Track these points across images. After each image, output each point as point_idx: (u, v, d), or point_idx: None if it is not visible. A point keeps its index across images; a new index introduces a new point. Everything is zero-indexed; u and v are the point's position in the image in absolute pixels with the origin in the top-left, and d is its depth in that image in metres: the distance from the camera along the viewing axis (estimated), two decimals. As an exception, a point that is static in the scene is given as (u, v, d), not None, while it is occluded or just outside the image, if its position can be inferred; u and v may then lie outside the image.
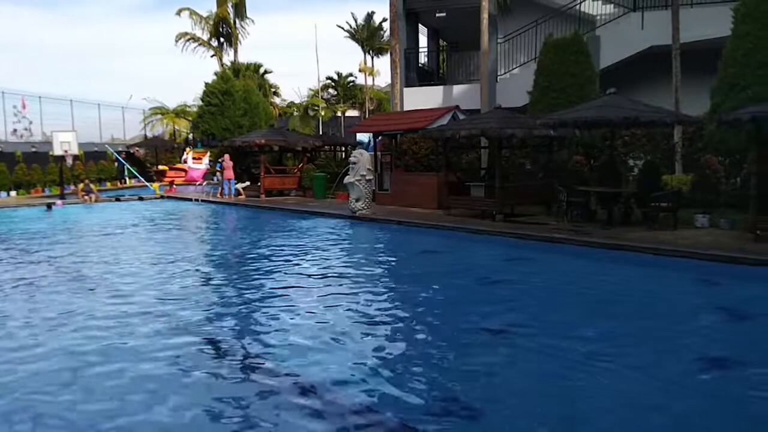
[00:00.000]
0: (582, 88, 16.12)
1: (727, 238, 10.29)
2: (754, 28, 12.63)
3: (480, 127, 13.82)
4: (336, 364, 5.36)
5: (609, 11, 19.75)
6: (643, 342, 5.85)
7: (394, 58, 21.79)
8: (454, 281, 8.88)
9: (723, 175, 12.93)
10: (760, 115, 9.46)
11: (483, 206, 14.38)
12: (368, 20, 47.14)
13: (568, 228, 12.09)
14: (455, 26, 24.83)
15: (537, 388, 4.82)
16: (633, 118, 11.39)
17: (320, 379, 4.99)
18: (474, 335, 6.17)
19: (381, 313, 7.09)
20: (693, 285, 8.36)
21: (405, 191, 17.53)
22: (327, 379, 5.00)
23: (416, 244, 12.50)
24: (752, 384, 4.85)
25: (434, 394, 4.74)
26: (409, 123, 17.78)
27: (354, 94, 49.59)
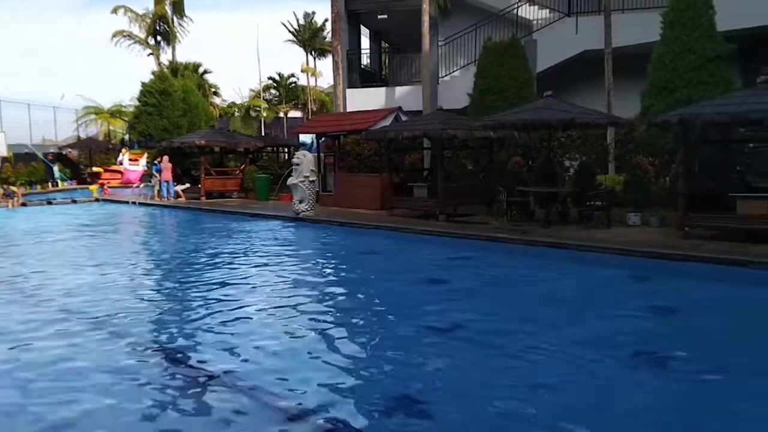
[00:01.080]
0: (520, 90, 16.51)
1: (658, 235, 10.74)
2: (681, 34, 13.23)
3: (422, 128, 13.97)
4: (277, 366, 5.31)
5: (545, 16, 20.29)
6: (581, 336, 6.04)
7: (336, 59, 21.76)
8: (398, 281, 8.93)
9: (653, 174, 13.48)
10: (687, 117, 9.90)
11: (426, 206, 14.54)
12: (309, 21, 46.89)
13: (508, 227, 12.36)
14: (397, 28, 25.01)
15: (483, 383, 4.91)
16: (568, 120, 11.74)
17: (261, 381, 4.94)
18: (418, 334, 6.22)
19: (324, 315, 7.07)
20: (626, 280, 8.69)
21: (348, 192, 17.53)
22: (267, 381, 4.94)
23: (360, 244, 12.52)
24: (681, 375, 5.08)
25: (379, 394, 4.76)
26: (352, 124, 17.80)
27: (296, 95, 49.24)
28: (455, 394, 4.71)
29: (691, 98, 12.49)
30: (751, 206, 9.71)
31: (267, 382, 4.92)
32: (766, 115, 8.93)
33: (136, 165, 27.95)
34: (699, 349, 5.62)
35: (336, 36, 21.91)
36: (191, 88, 29.92)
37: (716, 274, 8.42)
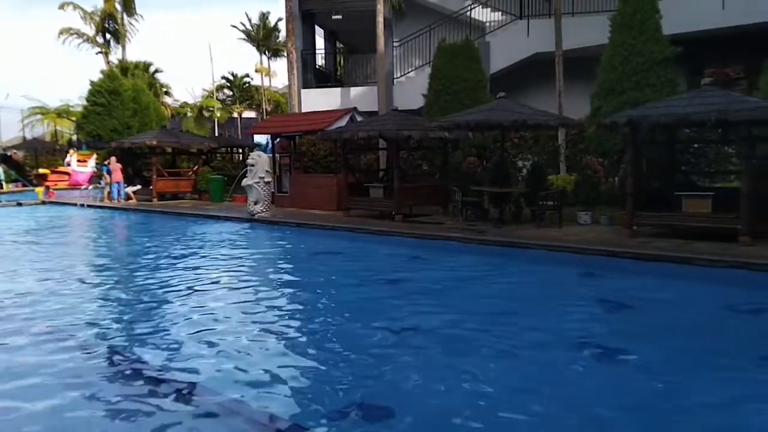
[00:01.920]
0: (474, 91, 16.70)
1: (608, 234, 11.02)
2: (628, 37, 13.60)
3: (378, 128, 14.00)
4: (230, 369, 5.23)
5: (497, 18, 20.59)
6: (535, 333, 6.14)
7: (290, 60, 21.62)
8: (355, 282, 8.92)
9: (602, 174, 13.83)
10: (634, 118, 10.19)
11: (382, 207, 14.57)
12: (263, 20, 46.43)
13: (463, 227, 12.49)
14: (352, 29, 25.01)
15: (440, 383, 4.93)
16: (521, 121, 11.94)
17: (215, 384, 4.85)
18: (375, 335, 6.21)
19: (280, 317, 7.00)
20: (577, 278, 8.89)
21: (304, 193, 17.44)
22: (220, 384, 4.86)
23: (316, 245, 12.46)
24: (629, 368, 5.23)
25: (335, 397, 4.72)
26: (307, 125, 17.71)
27: (250, 95, 48.71)
28: (412, 395, 4.72)
29: (638, 100, 12.85)
30: (695, 205, 10.06)
31: (220, 385, 4.84)
32: (709, 116, 9.25)
33: (84, 166, 27.17)
34: (646, 344, 5.78)
35: (290, 36, 21.77)
36: (142, 88, 29.27)
37: (662, 271, 8.67)
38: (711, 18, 16.14)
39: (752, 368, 5.06)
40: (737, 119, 9.06)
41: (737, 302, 7.16)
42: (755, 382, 4.77)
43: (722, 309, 6.96)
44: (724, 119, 9.18)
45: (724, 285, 7.93)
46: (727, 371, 4.97)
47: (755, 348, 5.51)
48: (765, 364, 5.17)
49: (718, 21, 16.08)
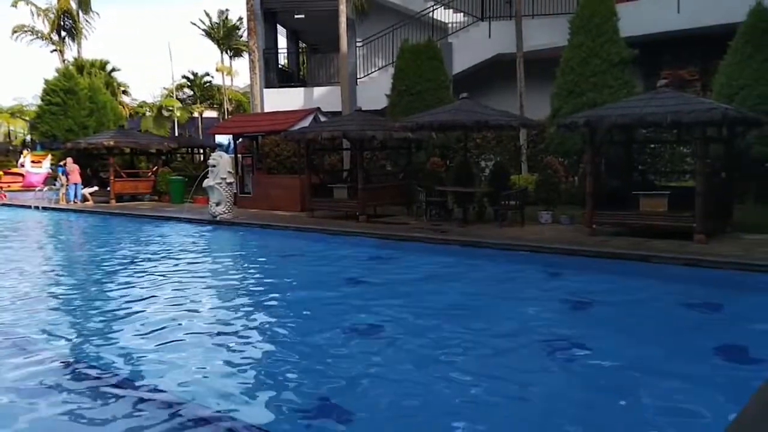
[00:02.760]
0: (437, 92, 16.82)
1: (568, 233, 11.22)
2: (587, 39, 13.89)
3: (341, 129, 13.97)
4: (193, 373, 5.16)
5: (460, 20, 20.77)
6: (497, 331, 6.21)
7: (252, 59, 21.41)
8: (319, 283, 8.89)
9: (563, 174, 14.08)
10: (593, 119, 10.39)
11: (346, 207, 14.54)
12: (223, 18, 45.85)
13: (427, 227, 12.55)
14: (314, 28, 24.92)
15: (404, 383, 4.95)
16: (484, 122, 12.06)
17: (175, 389, 4.77)
18: (339, 336, 6.20)
19: (244, 319, 6.93)
20: (539, 276, 9.01)
21: (267, 194, 17.29)
22: (182, 389, 4.79)
23: (280, 247, 12.36)
24: (587, 364, 5.33)
25: (298, 399, 4.69)
26: (270, 125, 17.57)
27: (211, 94, 48.05)
28: (375, 396, 4.72)
29: (596, 101, 13.14)
30: (651, 204, 10.31)
31: (181, 390, 4.76)
32: (664, 117, 9.49)
33: (38, 167, 26.44)
34: (604, 340, 5.90)
35: (252, 35, 21.56)
36: (99, 87, 28.61)
37: (621, 268, 8.87)
38: (666, 21, 16.59)
39: (705, 361, 5.22)
40: (691, 120, 9.32)
41: (692, 298, 7.36)
42: (707, 375, 4.91)
43: (677, 305, 7.15)
44: (678, 120, 9.43)
45: (680, 282, 8.14)
46: (681, 365, 5.11)
47: (708, 342, 5.67)
48: (718, 357, 5.33)
49: (673, 24, 16.54)
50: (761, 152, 12.23)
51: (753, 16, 12.60)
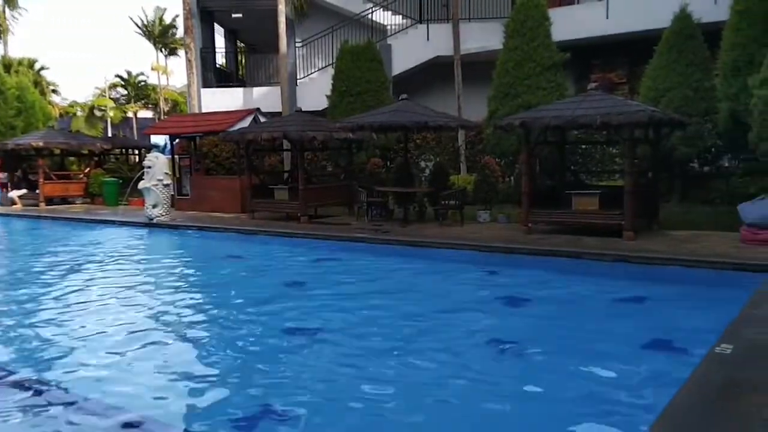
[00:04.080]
0: (377, 93, 16.93)
1: (505, 231, 11.52)
2: (521, 43, 14.27)
3: (282, 129, 13.88)
4: (126, 381, 5.06)
5: (398, 22, 20.97)
6: (439, 329, 6.35)
7: (189, 58, 20.97)
8: (260, 285, 8.83)
9: (500, 174, 14.43)
10: (527, 121, 10.71)
11: (287, 209, 14.46)
12: (159, 16, 44.67)
13: (369, 227, 12.63)
14: (253, 28, 24.64)
15: (345, 385, 4.99)
16: (423, 123, 12.24)
17: (109, 397, 4.68)
18: (280, 339, 6.19)
19: (180, 323, 6.81)
20: (478, 274, 9.23)
21: (206, 195, 17.00)
22: (115, 398, 4.69)
23: (220, 249, 12.19)
24: (525, 359, 5.52)
25: (238, 405, 4.64)
26: (208, 125, 17.28)
27: (147, 94, 46.71)
28: (316, 399, 4.72)
29: (531, 103, 13.52)
30: (583, 202, 10.71)
31: (115, 399, 4.66)
32: (595, 119, 9.88)
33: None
34: (540, 334, 6.13)
35: (188, 33, 21.11)
36: (27, 86, 27.30)
37: (556, 265, 9.16)
38: (596, 27, 17.24)
39: (635, 353, 5.48)
40: (620, 122, 9.73)
41: (621, 293, 7.70)
42: (636, 367, 5.17)
43: (608, 300, 7.47)
44: (608, 122, 9.83)
45: (611, 277, 8.50)
46: (612, 358, 5.35)
47: (637, 335, 5.95)
48: (646, 349, 5.60)
49: (602, 29, 17.20)
50: (685, 153, 12.88)
51: (677, 22, 13.24)
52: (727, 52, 10.70)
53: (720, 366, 4.26)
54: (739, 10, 10.49)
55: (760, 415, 3.43)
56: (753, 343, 4.73)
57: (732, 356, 4.43)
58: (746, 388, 3.84)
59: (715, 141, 13.01)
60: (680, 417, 3.48)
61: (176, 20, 42.47)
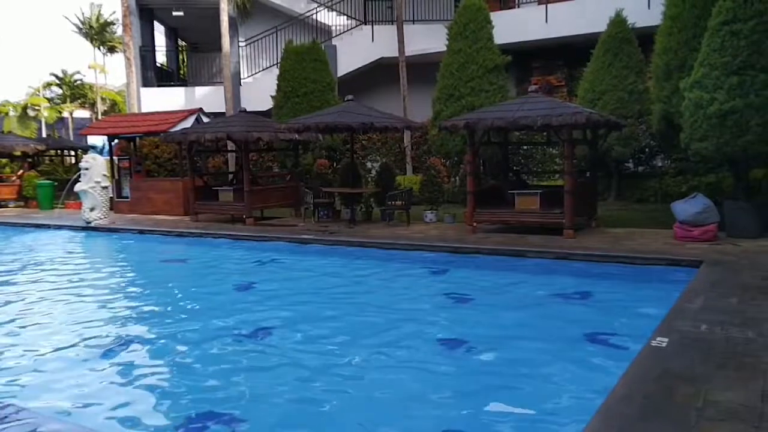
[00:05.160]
0: (323, 94, 16.89)
1: (451, 231, 11.68)
2: (464, 45, 14.50)
3: (226, 130, 13.67)
4: (67, 390, 4.90)
5: (343, 23, 20.97)
6: (386, 329, 6.39)
7: (127, 56, 20.41)
8: (204, 289, 8.67)
9: (445, 174, 14.63)
10: (471, 122, 10.89)
11: (232, 210, 14.26)
12: (96, 13, 43.24)
13: (315, 228, 12.59)
14: (194, 26, 24.18)
15: (293, 388, 4.96)
16: (369, 124, 12.28)
17: (47, 407, 4.52)
18: (226, 342, 6.09)
19: (121, 329, 6.62)
20: (425, 273, 9.33)
21: (147, 198, 16.58)
22: (59, 409, 4.54)
23: (162, 252, 11.91)
24: (470, 356, 5.62)
25: (185, 411, 4.55)
26: (148, 125, 16.84)
27: (83, 93, 45.12)
28: (263, 403, 4.67)
29: (474, 105, 13.76)
30: (525, 202, 10.97)
31: (54, 409, 4.52)
32: (535, 121, 10.14)
33: None
34: (485, 332, 6.24)
35: (127, 31, 20.54)
36: (-48, 84, 26.09)
37: (500, 264, 9.36)
38: (535, 31, 17.69)
39: (576, 348, 5.66)
40: (559, 123, 10.02)
41: (563, 289, 7.91)
42: (578, 361, 5.34)
43: (550, 296, 7.67)
44: (548, 123, 10.11)
45: (552, 274, 8.73)
46: (554, 352, 5.51)
47: (578, 329, 6.14)
48: (587, 343, 5.78)
49: (541, 33, 17.66)
50: (620, 153, 13.36)
51: (612, 27, 13.74)
52: (660, 55, 11.15)
53: (656, 358, 4.44)
54: (671, 16, 10.94)
55: (694, 405, 3.60)
56: (686, 335, 4.96)
57: (667, 349, 4.63)
58: (681, 379, 4.02)
59: (649, 142, 13.56)
60: (619, 408, 3.62)
61: (115, 17, 41.22)
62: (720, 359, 4.38)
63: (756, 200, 10.03)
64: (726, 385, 3.90)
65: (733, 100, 9.16)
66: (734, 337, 4.86)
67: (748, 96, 9.09)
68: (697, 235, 9.45)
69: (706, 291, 6.44)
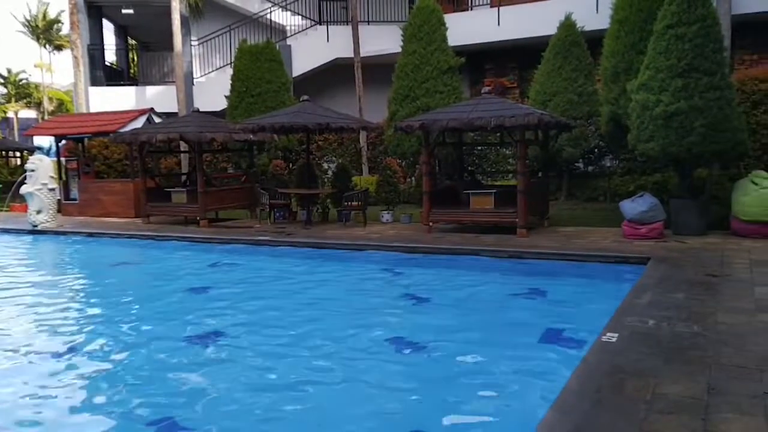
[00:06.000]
0: (278, 94, 16.75)
1: (407, 231, 11.75)
2: (419, 47, 14.59)
3: (178, 130, 13.43)
4: (11, 396, 4.75)
5: (298, 23, 20.85)
6: (341, 328, 6.39)
7: (75, 55, 19.86)
8: (157, 293, 8.49)
9: (401, 175, 14.71)
10: (426, 123, 10.99)
11: (186, 212, 14.02)
12: (41, 10, 41.87)
13: (272, 230, 12.49)
14: (145, 25, 23.68)
15: (249, 392, 4.91)
16: (325, 124, 12.25)
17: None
18: (180, 348, 5.97)
19: (70, 336, 6.43)
20: (382, 273, 9.36)
21: (97, 200, 16.16)
22: (5, 415, 4.40)
23: (112, 256, 11.59)
24: (427, 355, 5.67)
25: (136, 421, 4.46)
26: (98, 125, 16.42)
27: (29, 92, 43.64)
28: (215, 409, 4.59)
29: (429, 105, 13.88)
30: (480, 201, 11.13)
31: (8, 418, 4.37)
32: (489, 122, 10.29)
33: None
34: (442, 331, 6.30)
35: (74, 29, 19.97)
36: None
37: (457, 263, 9.46)
38: (488, 33, 17.95)
39: (531, 345, 5.77)
40: (512, 125, 10.20)
41: (517, 287, 8.06)
42: (532, 358, 5.44)
43: (505, 294, 7.80)
44: (501, 124, 10.28)
45: (507, 273, 8.88)
46: (508, 350, 5.61)
47: (532, 327, 6.26)
48: (541, 341, 5.90)
49: (494, 36, 17.93)
50: (571, 153, 13.68)
51: (562, 30, 14.04)
52: (608, 58, 11.45)
53: (606, 354, 4.57)
54: (618, 20, 11.24)
55: (643, 398, 3.72)
56: (635, 330, 5.11)
57: (617, 344, 4.77)
58: (631, 374, 4.15)
59: (598, 142, 13.92)
60: (572, 403, 3.71)
61: (62, 15, 40.00)
62: (667, 353, 4.53)
63: (700, 199, 10.41)
64: (673, 378, 4.03)
65: (678, 102, 9.49)
66: (681, 332, 5.03)
67: (692, 98, 9.42)
68: (645, 233, 9.75)
69: (654, 287, 6.65)
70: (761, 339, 4.80)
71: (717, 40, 9.72)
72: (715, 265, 7.72)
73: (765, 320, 5.29)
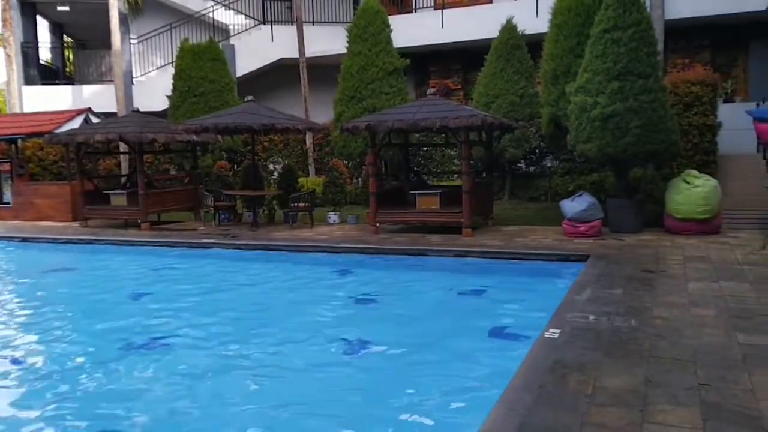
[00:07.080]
0: (221, 94, 16.46)
1: (354, 232, 11.76)
2: (364, 48, 14.61)
3: (117, 131, 13.03)
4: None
5: (241, 22, 20.56)
6: (292, 331, 6.35)
7: (8, 53, 19.05)
8: (96, 299, 8.21)
9: (348, 176, 14.70)
10: (372, 124, 11.02)
11: (126, 215, 13.64)
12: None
13: (216, 232, 12.28)
14: (82, 22, 22.89)
15: (197, 396, 4.84)
16: (270, 125, 12.12)
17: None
18: (121, 356, 5.79)
19: (3, 346, 6.18)
20: (329, 275, 9.35)
21: (31, 203, 15.53)
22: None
23: (48, 261, 11.18)
24: (375, 356, 5.70)
25: (74, 427, 4.34)
26: (31, 126, 15.78)
27: (-46, 90, 41.52)
28: (157, 416, 4.51)
29: (375, 107, 13.92)
30: (426, 202, 11.25)
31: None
32: (434, 123, 10.40)
33: None
34: (388, 330, 6.35)
35: (7, 26, 19.14)
36: None
37: (404, 263, 9.54)
38: (432, 35, 18.13)
39: (477, 342, 5.88)
40: (456, 126, 10.34)
41: (463, 286, 8.20)
42: (478, 354, 5.55)
43: (452, 293, 7.92)
44: (446, 125, 10.41)
45: (453, 271, 9.01)
46: (454, 348, 5.69)
47: (478, 324, 6.38)
48: (486, 337, 6.02)
49: (438, 38, 18.12)
50: (513, 154, 13.96)
51: (504, 33, 14.31)
52: (548, 61, 11.75)
53: (550, 349, 4.70)
54: (557, 24, 11.56)
55: (585, 392, 3.85)
56: (577, 326, 5.27)
57: (559, 340, 4.91)
58: (572, 368, 4.28)
59: (539, 143, 14.25)
60: (517, 398, 3.81)
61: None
62: (607, 348, 4.70)
63: (635, 198, 10.81)
64: (613, 372, 4.19)
65: (614, 104, 9.83)
66: (619, 327, 5.22)
67: (627, 100, 9.78)
68: (584, 231, 10.06)
69: (593, 283, 6.88)
70: (695, 332, 5.03)
71: (651, 44, 10.12)
72: (651, 261, 8.04)
73: (699, 314, 5.55)
